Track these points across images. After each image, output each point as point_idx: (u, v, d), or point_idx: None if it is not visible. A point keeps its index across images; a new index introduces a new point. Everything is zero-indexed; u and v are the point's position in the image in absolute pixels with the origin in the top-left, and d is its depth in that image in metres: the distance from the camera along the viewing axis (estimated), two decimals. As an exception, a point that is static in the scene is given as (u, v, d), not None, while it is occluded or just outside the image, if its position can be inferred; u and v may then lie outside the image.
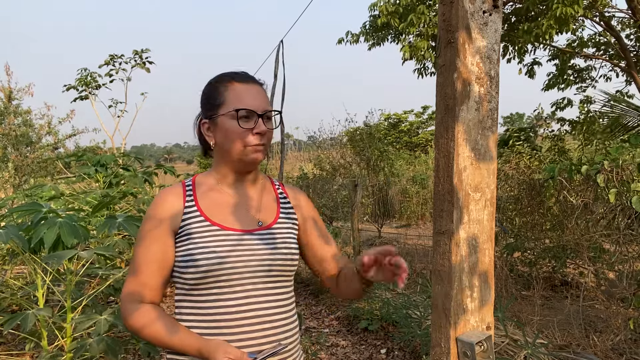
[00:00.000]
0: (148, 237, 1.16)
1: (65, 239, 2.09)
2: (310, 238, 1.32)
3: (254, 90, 1.21)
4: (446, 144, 0.89)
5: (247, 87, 1.21)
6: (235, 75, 1.23)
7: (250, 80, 1.23)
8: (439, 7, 0.89)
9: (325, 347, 3.88)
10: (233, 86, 1.20)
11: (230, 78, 1.22)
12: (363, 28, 7.78)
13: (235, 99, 1.18)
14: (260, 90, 1.23)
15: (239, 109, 1.17)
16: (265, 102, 1.22)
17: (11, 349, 3.54)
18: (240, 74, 1.24)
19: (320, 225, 1.36)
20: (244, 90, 1.19)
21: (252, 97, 1.19)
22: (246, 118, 1.17)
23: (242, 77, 1.23)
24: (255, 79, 1.26)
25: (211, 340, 1.09)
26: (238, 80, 1.21)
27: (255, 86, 1.23)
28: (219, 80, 1.23)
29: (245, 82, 1.22)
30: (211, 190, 1.22)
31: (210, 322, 1.12)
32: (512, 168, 5.75)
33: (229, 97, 1.19)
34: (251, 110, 1.17)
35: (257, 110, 1.18)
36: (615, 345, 3.31)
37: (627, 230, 3.71)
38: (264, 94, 1.23)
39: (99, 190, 3.82)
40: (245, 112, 1.17)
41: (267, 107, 1.21)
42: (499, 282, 4.54)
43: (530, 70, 8.01)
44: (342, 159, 11.45)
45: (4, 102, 11.24)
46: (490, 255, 0.92)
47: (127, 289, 1.16)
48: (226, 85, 1.21)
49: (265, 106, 1.20)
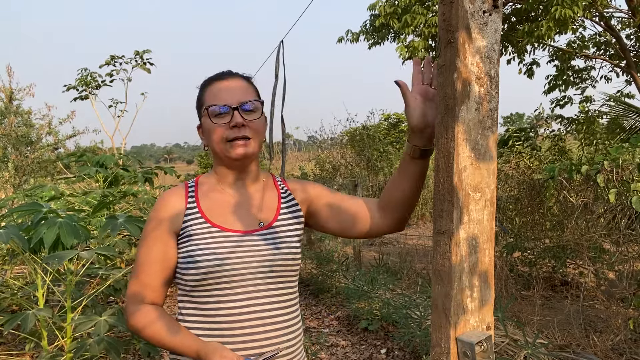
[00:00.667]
0: (150, 238, 1.16)
1: (65, 239, 2.09)
2: (330, 200, 1.26)
3: (231, 85, 1.19)
4: (446, 143, 0.89)
5: (223, 83, 1.19)
6: (215, 75, 1.23)
7: (228, 77, 1.21)
8: (439, 7, 0.89)
9: (325, 347, 3.88)
10: (211, 86, 1.21)
11: (210, 79, 1.23)
12: (363, 27, 7.79)
13: (210, 98, 1.19)
14: (239, 83, 1.21)
15: (209, 106, 1.17)
16: (241, 94, 1.18)
17: (11, 349, 3.54)
18: (220, 73, 1.24)
19: (335, 193, 1.30)
20: (219, 88, 1.19)
21: (227, 92, 1.17)
22: (221, 114, 1.16)
23: (221, 75, 1.23)
24: (234, 74, 1.24)
25: (209, 343, 1.08)
26: (216, 79, 1.21)
27: (233, 80, 1.21)
28: (202, 84, 1.24)
29: (222, 79, 1.21)
30: (213, 191, 1.22)
31: (212, 323, 1.12)
32: (512, 168, 5.75)
33: (206, 97, 1.20)
34: (223, 104, 1.15)
35: (231, 104, 1.15)
36: (615, 345, 3.31)
37: (627, 230, 3.71)
38: (242, 87, 1.20)
39: (99, 190, 3.82)
40: (217, 107, 1.16)
41: (242, 99, 1.17)
42: (499, 282, 4.54)
43: (530, 70, 8.02)
44: (342, 158, 11.45)
45: (5, 102, 11.24)
46: (491, 255, 0.92)
47: (130, 290, 1.17)
48: (206, 87, 1.22)
49: (240, 98, 1.17)
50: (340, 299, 5.02)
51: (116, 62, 9.47)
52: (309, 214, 1.29)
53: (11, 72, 11.38)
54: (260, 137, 1.21)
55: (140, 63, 9.49)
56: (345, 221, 1.23)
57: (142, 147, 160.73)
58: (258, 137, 1.20)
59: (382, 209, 1.19)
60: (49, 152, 11.61)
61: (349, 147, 11.82)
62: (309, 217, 1.30)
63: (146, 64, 9.52)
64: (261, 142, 1.23)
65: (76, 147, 12.67)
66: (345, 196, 1.28)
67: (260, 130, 1.21)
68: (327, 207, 1.26)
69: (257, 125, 1.19)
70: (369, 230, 1.21)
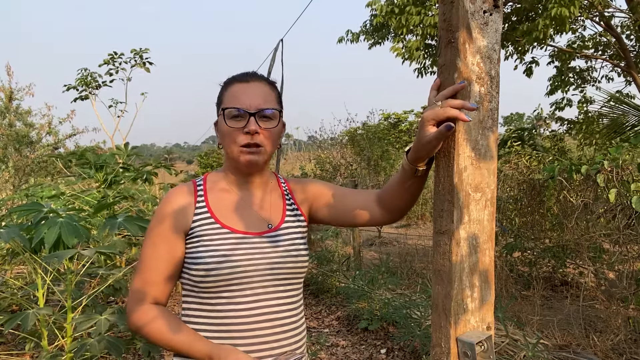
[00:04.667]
0: (156, 236, 1.15)
1: (66, 238, 2.09)
2: (330, 199, 1.25)
3: (253, 88, 1.16)
4: (446, 143, 0.89)
5: (245, 85, 1.16)
6: (239, 75, 1.20)
7: (251, 79, 1.18)
8: (439, 7, 0.89)
9: (325, 347, 3.88)
10: (232, 86, 1.18)
11: (233, 79, 1.20)
12: (363, 27, 7.79)
13: (229, 98, 1.16)
14: (262, 87, 1.17)
15: (227, 107, 1.14)
16: (262, 99, 1.15)
17: (11, 349, 3.54)
18: (244, 74, 1.20)
19: (334, 188, 1.28)
20: (240, 90, 1.15)
21: (247, 96, 1.14)
22: (237, 117, 1.13)
23: (244, 76, 1.19)
24: (259, 77, 1.20)
25: (222, 346, 1.07)
26: (239, 80, 1.18)
27: (256, 84, 1.17)
28: (225, 82, 1.22)
29: (244, 81, 1.17)
30: (221, 190, 1.21)
31: (220, 325, 1.11)
32: (512, 168, 5.75)
33: (226, 97, 1.17)
34: (240, 108, 1.13)
35: (249, 109, 1.12)
36: (615, 345, 3.31)
37: (627, 230, 3.71)
38: (264, 92, 1.16)
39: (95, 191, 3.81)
40: (234, 110, 1.13)
41: (261, 105, 1.13)
42: (499, 282, 4.55)
43: (529, 69, 8.02)
44: (342, 158, 11.45)
45: (5, 102, 11.23)
46: (491, 255, 0.92)
47: (133, 287, 1.16)
48: (227, 86, 1.19)
49: (259, 104, 1.13)
50: (340, 299, 5.02)
51: (115, 61, 9.46)
52: (309, 212, 1.29)
53: (11, 71, 11.37)
54: (273, 146, 1.18)
55: (139, 62, 9.48)
56: (344, 217, 1.24)
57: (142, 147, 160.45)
58: (271, 145, 1.17)
59: (382, 207, 1.18)
60: (49, 151, 11.60)
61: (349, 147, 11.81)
62: (310, 214, 1.30)
63: (145, 63, 9.52)
64: (274, 150, 1.20)
65: (76, 146, 12.66)
66: (344, 191, 1.27)
67: (274, 138, 1.17)
68: (326, 206, 1.26)
69: (272, 134, 1.16)
70: (367, 222, 1.22)
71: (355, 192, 1.26)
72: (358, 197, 1.23)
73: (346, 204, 1.23)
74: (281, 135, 1.24)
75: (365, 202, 1.21)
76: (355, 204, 1.22)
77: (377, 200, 1.19)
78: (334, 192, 1.27)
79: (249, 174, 1.21)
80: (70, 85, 9.55)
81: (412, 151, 0.99)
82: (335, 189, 1.28)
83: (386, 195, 1.16)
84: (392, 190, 1.13)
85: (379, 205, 1.18)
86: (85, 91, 9.61)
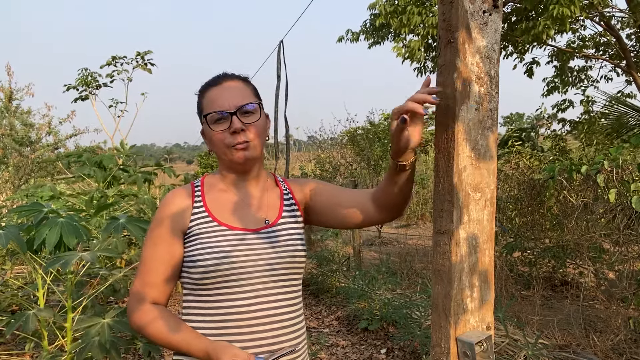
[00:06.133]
0: (155, 237, 1.16)
1: (67, 239, 2.09)
2: (325, 198, 1.26)
3: (228, 88, 1.18)
4: (446, 143, 0.89)
5: (220, 88, 1.19)
6: (211, 80, 1.23)
7: (223, 80, 1.20)
8: (438, 7, 0.89)
9: (325, 347, 3.88)
10: (208, 92, 1.20)
11: (206, 85, 1.23)
12: (363, 27, 7.78)
13: (208, 104, 1.18)
14: (235, 85, 1.20)
15: (207, 114, 1.17)
16: (238, 97, 1.17)
17: (11, 349, 3.54)
18: (215, 77, 1.23)
19: (331, 188, 1.29)
20: (216, 93, 1.18)
21: (224, 97, 1.16)
22: (220, 120, 1.16)
23: (216, 79, 1.22)
24: (230, 76, 1.23)
25: (218, 342, 1.08)
26: (212, 84, 1.21)
27: (230, 83, 1.20)
28: (200, 90, 1.24)
29: (217, 84, 1.20)
30: (218, 190, 1.23)
31: (220, 322, 1.12)
32: (512, 168, 5.75)
33: (204, 104, 1.20)
34: (220, 110, 1.15)
35: (229, 109, 1.15)
36: (615, 345, 3.31)
37: (627, 230, 3.70)
38: (239, 89, 1.19)
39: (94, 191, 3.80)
40: (216, 114, 1.16)
41: (239, 103, 1.16)
42: (499, 282, 4.54)
43: (530, 70, 8.01)
44: (342, 158, 11.46)
45: (4, 102, 11.23)
46: (490, 255, 0.92)
47: (134, 288, 1.17)
48: (203, 94, 1.22)
49: (237, 102, 1.16)
50: (340, 299, 5.02)
51: (117, 63, 9.47)
52: (307, 211, 1.31)
53: (10, 71, 11.37)
54: (262, 138, 1.20)
55: (141, 64, 9.49)
56: (340, 216, 1.24)
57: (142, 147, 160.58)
58: (259, 138, 1.19)
59: (377, 205, 1.19)
60: (49, 152, 11.60)
61: (349, 147, 11.82)
62: (306, 215, 1.31)
63: (147, 64, 9.52)
64: (263, 142, 1.23)
65: (76, 147, 12.66)
66: (340, 191, 1.27)
67: (261, 131, 1.20)
68: (322, 206, 1.27)
69: (257, 127, 1.18)
70: (364, 221, 1.22)
71: (351, 191, 1.27)
72: (354, 196, 1.25)
73: (342, 202, 1.24)
74: (267, 126, 1.26)
75: (360, 200, 1.22)
76: (351, 202, 1.22)
77: (372, 199, 1.20)
78: (330, 190, 1.28)
79: (245, 171, 1.22)
80: (71, 85, 9.55)
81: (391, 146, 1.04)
82: (331, 187, 1.30)
83: (379, 193, 1.17)
84: (383, 187, 1.14)
85: (374, 203, 1.19)
86: (85, 91, 9.61)
